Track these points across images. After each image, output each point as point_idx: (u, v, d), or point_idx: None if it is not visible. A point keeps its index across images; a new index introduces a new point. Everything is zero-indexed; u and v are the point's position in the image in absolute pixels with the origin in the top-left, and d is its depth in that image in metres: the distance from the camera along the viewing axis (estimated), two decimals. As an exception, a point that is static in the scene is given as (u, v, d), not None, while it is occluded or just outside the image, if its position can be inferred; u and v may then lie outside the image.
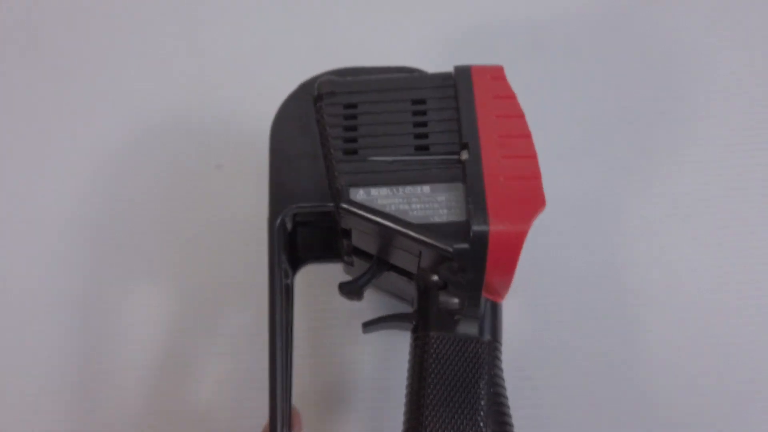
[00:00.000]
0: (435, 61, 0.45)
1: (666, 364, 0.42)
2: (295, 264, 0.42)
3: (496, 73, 0.36)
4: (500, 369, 0.35)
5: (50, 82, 0.49)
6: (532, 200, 0.32)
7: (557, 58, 0.51)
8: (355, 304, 0.40)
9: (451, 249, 0.32)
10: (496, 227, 0.31)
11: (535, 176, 0.32)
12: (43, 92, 0.49)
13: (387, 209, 0.33)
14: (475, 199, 0.32)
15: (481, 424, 0.32)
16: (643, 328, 0.43)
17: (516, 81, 0.35)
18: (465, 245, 0.32)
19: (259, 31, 0.52)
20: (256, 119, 0.46)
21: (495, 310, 0.35)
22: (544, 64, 0.50)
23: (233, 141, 0.48)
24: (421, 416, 0.33)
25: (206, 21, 0.51)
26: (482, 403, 0.33)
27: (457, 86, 0.35)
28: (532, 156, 0.33)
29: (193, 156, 0.47)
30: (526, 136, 0.34)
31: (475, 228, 0.32)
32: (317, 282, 0.44)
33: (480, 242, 0.32)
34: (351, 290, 0.37)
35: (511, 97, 0.35)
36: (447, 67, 0.45)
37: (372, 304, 0.43)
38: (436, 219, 0.32)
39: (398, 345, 0.41)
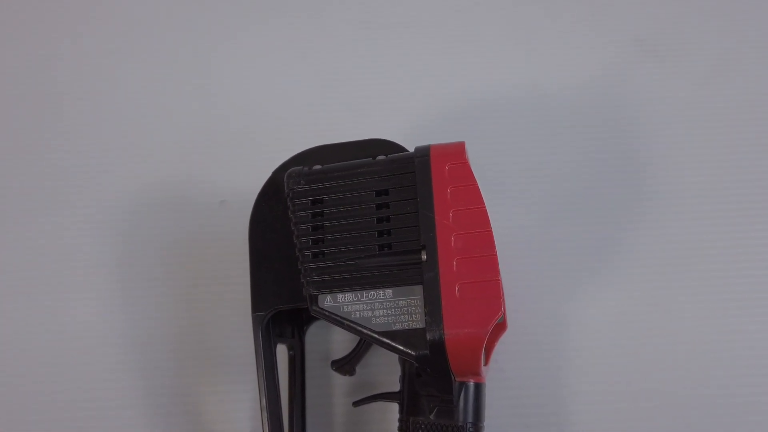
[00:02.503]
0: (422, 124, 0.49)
1: (666, 413, 0.43)
2: (304, 323, 0.45)
3: (457, 156, 0.34)
4: (481, 449, 0.36)
5: (68, 131, 0.51)
6: (488, 305, 0.32)
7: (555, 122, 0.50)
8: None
9: (413, 354, 0.33)
10: (451, 334, 0.32)
11: (493, 278, 0.32)
12: (64, 141, 0.51)
13: (352, 317, 0.34)
14: (432, 306, 0.33)
15: None
16: (646, 377, 0.43)
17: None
18: (425, 351, 0.33)
19: (265, 73, 0.52)
20: (260, 156, 0.49)
21: (478, 391, 0.36)
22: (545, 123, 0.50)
23: (237, 177, 0.50)
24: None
25: (214, 64, 0.52)
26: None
27: (417, 175, 0.35)
28: (490, 254, 0.33)
29: (198, 192, 0.50)
30: (486, 230, 0.33)
31: (431, 337, 0.32)
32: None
33: (438, 348, 0.33)
34: (343, 367, 0.40)
35: (471, 183, 0.34)
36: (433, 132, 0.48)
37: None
38: (398, 326, 0.34)
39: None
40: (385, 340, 0.34)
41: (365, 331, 0.34)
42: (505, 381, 0.44)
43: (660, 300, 0.45)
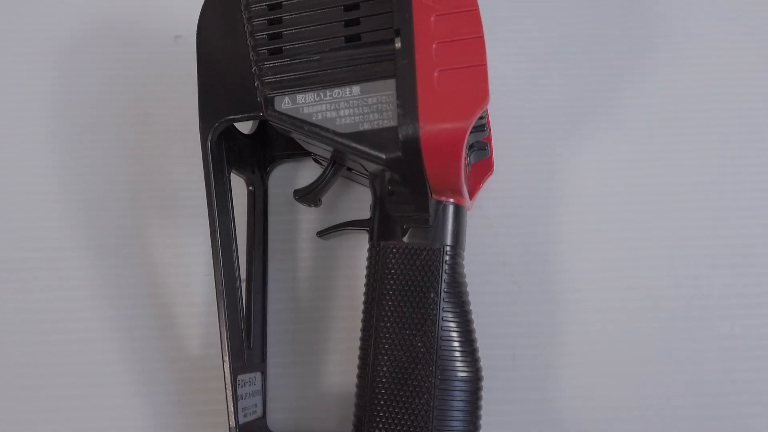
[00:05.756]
0: None
1: (656, 269, 0.39)
2: (267, 164, 0.40)
3: (439, -70, 0.29)
4: (460, 275, 0.32)
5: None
6: (472, 93, 0.27)
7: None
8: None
9: (383, 157, 0.29)
10: (427, 130, 0.27)
11: (479, 63, 0.27)
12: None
13: (313, 118, 0.29)
14: (406, 99, 0.28)
15: (435, 336, 0.31)
16: (640, 225, 0.40)
17: None
18: (397, 153, 0.28)
19: None
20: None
21: (458, 214, 0.32)
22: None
23: (193, 11, 0.45)
24: (373, 329, 0.32)
25: None
26: (435, 313, 0.31)
27: (392, -46, 0.29)
28: (476, 36, 0.27)
29: (152, 27, 0.44)
30: (471, 9, 0.28)
31: (404, 134, 0.28)
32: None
33: (412, 148, 0.28)
34: (307, 197, 0.35)
35: (455, -41, 0.28)
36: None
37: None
38: (366, 126, 0.29)
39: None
40: (350, 143, 0.29)
41: (328, 135, 0.29)
42: (490, 229, 0.40)
43: (659, 149, 0.41)
